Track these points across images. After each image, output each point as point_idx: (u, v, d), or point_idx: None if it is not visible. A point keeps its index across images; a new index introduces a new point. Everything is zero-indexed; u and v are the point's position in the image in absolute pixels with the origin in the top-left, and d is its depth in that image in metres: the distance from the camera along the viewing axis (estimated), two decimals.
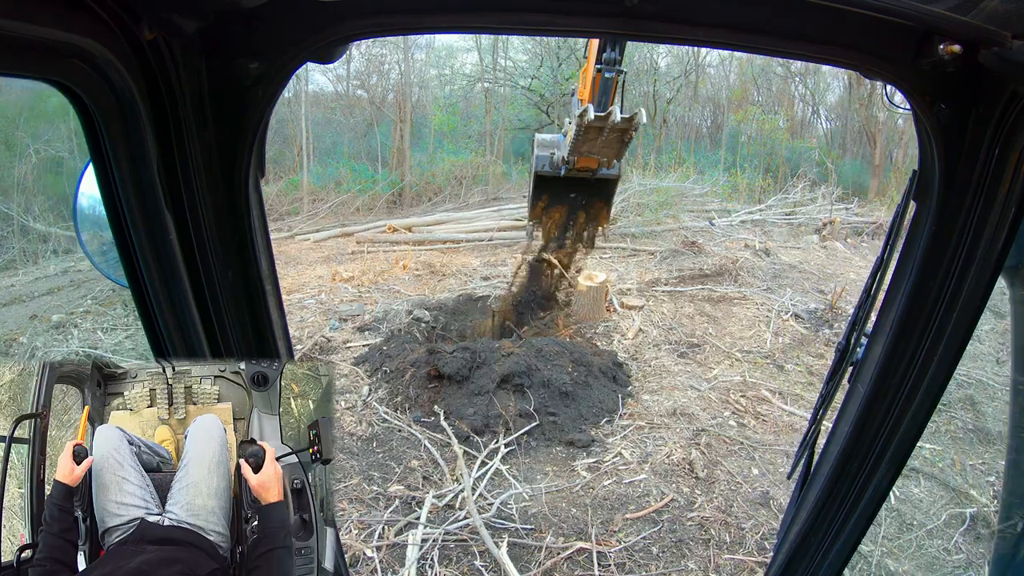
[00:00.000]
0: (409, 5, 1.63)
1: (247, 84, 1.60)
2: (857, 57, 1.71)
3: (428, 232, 16.74)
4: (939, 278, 1.93)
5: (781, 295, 12.53)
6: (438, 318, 10.50)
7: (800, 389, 9.08)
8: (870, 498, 2.30)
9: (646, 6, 1.56)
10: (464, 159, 25.57)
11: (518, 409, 7.44)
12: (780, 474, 7.02)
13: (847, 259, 17.19)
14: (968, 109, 1.72)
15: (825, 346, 10.60)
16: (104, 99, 1.43)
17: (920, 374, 2.07)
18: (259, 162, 1.73)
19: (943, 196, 1.83)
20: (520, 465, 6.87)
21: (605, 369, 8.57)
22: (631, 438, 7.46)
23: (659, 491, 6.57)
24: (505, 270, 13.39)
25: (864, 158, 31.55)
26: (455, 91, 32.22)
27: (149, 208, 1.59)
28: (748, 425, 8.00)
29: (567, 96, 31.16)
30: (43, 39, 1.24)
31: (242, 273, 1.82)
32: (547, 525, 6.03)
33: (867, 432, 2.20)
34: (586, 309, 10.49)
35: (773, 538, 5.97)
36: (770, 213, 20.65)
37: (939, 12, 1.55)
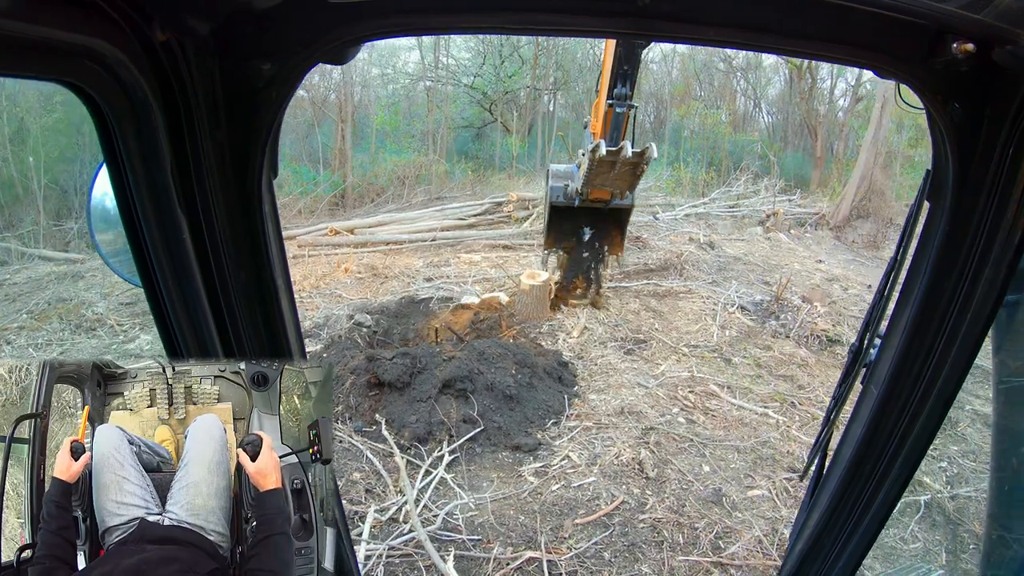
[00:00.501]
0: (421, 6, 1.61)
1: (260, 85, 1.60)
2: (869, 56, 1.69)
3: (370, 234, 16.40)
4: (953, 279, 1.91)
5: (727, 288, 12.59)
6: (380, 322, 10.22)
7: (748, 382, 9.05)
8: (883, 500, 2.29)
9: (659, 5, 1.54)
10: (407, 159, 25.38)
11: (461, 415, 7.24)
12: (732, 470, 6.95)
13: (791, 250, 17.44)
14: (982, 108, 1.69)
15: (772, 337, 10.65)
16: (117, 100, 1.43)
17: (934, 375, 2.06)
18: (272, 163, 1.73)
19: (957, 196, 1.80)
20: (465, 473, 6.66)
21: (550, 369, 8.42)
22: (579, 440, 7.31)
23: (609, 493, 6.43)
24: (448, 270, 13.21)
25: (805, 150, 32.27)
26: (397, 90, 32.11)
27: (162, 208, 1.60)
28: (697, 421, 7.92)
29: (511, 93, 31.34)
30: (56, 41, 1.23)
31: (255, 273, 1.81)
32: (495, 535, 5.84)
33: (880, 434, 2.19)
34: (530, 308, 10.31)
35: (727, 536, 5.94)
36: (714, 206, 20.92)
37: (952, 10, 1.53)
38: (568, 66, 32.56)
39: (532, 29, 1.76)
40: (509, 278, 12.51)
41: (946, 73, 1.64)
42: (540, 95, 32.47)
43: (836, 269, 15.90)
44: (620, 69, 8.15)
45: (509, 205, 18.16)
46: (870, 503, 2.29)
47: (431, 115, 29.06)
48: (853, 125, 29.48)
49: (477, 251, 15.13)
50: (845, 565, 2.42)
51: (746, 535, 5.94)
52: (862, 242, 19.39)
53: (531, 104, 31.73)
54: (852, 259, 17.74)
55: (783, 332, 10.86)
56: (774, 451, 7.32)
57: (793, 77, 31.14)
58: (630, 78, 8.24)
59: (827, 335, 10.71)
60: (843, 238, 19.78)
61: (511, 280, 12.23)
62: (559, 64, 32.35)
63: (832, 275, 15.07)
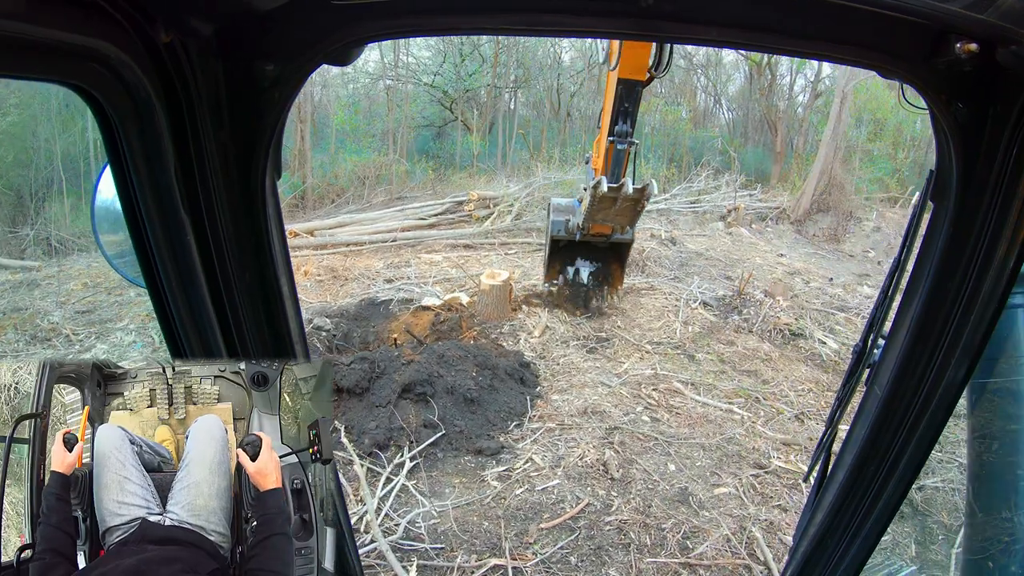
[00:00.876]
0: (424, 7, 1.61)
1: (263, 86, 1.60)
2: (872, 56, 1.70)
3: (330, 235, 16.18)
4: (957, 279, 1.91)
5: (689, 283, 12.60)
6: (339, 325, 10.02)
7: (712, 378, 9.01)
8: (887, 500, 2.29)
9: (661, 6, 1.54)
10: (367, 159, 25.07)
11: (422, 419, 7.07)
12: (698, 468, 6.90)
13: (752, 244, 17.55)
14: (985, 108, 1.70)
15: (735, 332, 10.66)
16: (121, 101, 1.44)
17: (938, 376, 2.06)
18: (275, 164, 1.74)
19: (961, 196, 1.81)
20: (427, 479, 6.50)
21: (512, 370, 8.31)
22: (542, 441, 7.19)
23: (574, 496, 6.32)
24: (409, 271, 13.03)
25: (765, 146, 32.58)
26: (358, 89, 31.83)
27: (166, 209, 1.62)
28: (662, 419, 7.86)
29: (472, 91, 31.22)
30: (60, 42, 1.23)
31: (259, 274, 1.82)
32: (458, 543, 5.70)
33: (884, 434, 2.20)
34: (490, 309, 10.19)
35: (695, 536, 5.89)
36: (675, 202, 21.00)
37: (955, 10, 1.53)
38: (529, 64, 32.53)
39: (535, 30, 1.72)
40: (470, 278, 12.38)
41: (949, 73, 1.64)
42: (501, 93, 32.38)
43: (797, 263, 16.03)
44: (621, 107, 8.33)
45: (470, 204, 18.07)
46: (874, 503, 2.30)
47: (391, 114, 28.81)
48: (812, 120, 29.84)
49: (438, 251, 14.99)
50: (849, 566, 2.43)
51: (714, 534, 5.89)
52: (823, 235, 19.58)
53: (492, 102, 31.62)
54: (813, 252, 17.90)
55: (746, 327, 10.87)
56: (740, 447, 7.29)
57: (753, 73, 31.41)
58: (631, 116, 8.44)
59: (790, 329, 10.73)
60: (804, 232, 19.96)
61: (472, 280, 12.09)
62: (520, 62, 32.30)
63: (794, 269, 15.18)
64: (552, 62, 33.29)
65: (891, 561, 5.14)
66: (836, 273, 15.32)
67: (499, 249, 15.29)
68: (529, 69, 32.68)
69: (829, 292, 13.36)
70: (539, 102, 33.89)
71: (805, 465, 6.99)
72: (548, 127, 32.85)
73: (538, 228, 16.41)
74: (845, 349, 10.27)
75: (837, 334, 10.91)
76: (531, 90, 33.71)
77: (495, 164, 27.74)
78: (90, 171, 18.73)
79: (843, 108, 20.63)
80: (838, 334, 10.92)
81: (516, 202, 17.97)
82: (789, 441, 7.48)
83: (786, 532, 5.98)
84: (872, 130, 27.50)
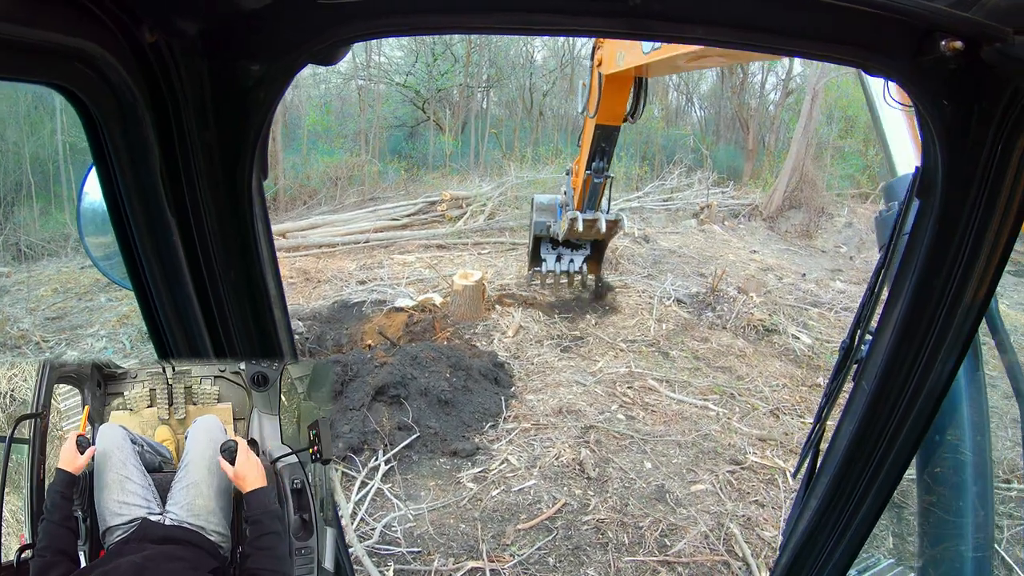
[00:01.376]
0: (412, 6, 1.59)
1: (249, 86, 1.57)
2: (858, 54, 1.67)
3: (303, 237, 16.03)
4: (943, 274, 1.91)
5: (662, 281, 12.63)
6: (312, 328, 9.96)
7: (687, 375, 9.02)
8: (876, 495, 2.30)
9: (650, 5, 1.53)
10: (339, 159, 24.91)
11: (396, 422, 7.00)
12: (674, 466, 6.89)
13: (725, 241, 17.64)
14: (971, 105, 1.69)
15: (709, 329, 10.69)
16: (106, 102, 1.42)
17: (925, 370, 2.06)
18: (261, 164, 1.70)
19: (946, 192, 1.81)
20: (402, 482, 6.43)
21: (486, 371, 8.27)
22: (517, 442, 7.15)
23: (551, 496, 6.29)
24: (382, 272, 12.94)
25: (737, 143, 32.86)
26: (330, 89, 31.68)
27: (152, 210, 1.60)
28: (637, 417, 7.85)
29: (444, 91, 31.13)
30: (44, 42, 1.22)
31: (245, 274, 1.78)
32: (435, 546, 5.64)
33: (872, 429, 2.20)
34: (464, 309, 10.15)
35: (673, 534, 5.87)
36: (648, 200, 21.11)
37: (941, 8, 1.53)
38: (501, 63, 32.53)
39: (522, 29, 1.69)
40: (443, 278, 12.31)
41: (935, 71, 1.63)
42: (473, 92, 32.36)
43: (770, 259, 16.13)
44: (599, 146, 8.91)
45: (443, 204, 18.01)
46: (863, 498, 2.31)
47: (363, 115, 28.70)
48: (784, 118, 30.12)
49: (411, 252, 14.91)
50: (839, 561, 2.45)
51: (692, 531, 5.88)
52: (795, 232, 19.73)
53: (464, 102, 31.60)
54: (785, 248, 18.03)
55: (720, 323, 10.90)
56: (715, 444, 7.29)
57: (725, 72, 31.60)
58: (607, 154, 9.06)
59: (763, 325, 10.78)
60: (776, 228, 20.09)
61: (445, 281, 12.03)
62: (492, 61, 32.30)
63: (767, 265, 15.27)
64: (524, 61, 33.31)
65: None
66: (809, 269, 15.42)
67: (472, 249, 15.24)
68: (501, 68, 32.70)
69: (802, 288, 13.44)
70: (511, 101, 33.91)
71: (781, 460, 7.02)
72: (520, 126, 32.90)
73: (511, 228, 16.45)
74: (819, 344, 10.36)
75: (810, 329, 10.98)
76: (503, 89, 33.74)
77: (468, 164, 27.73)
78: (59, 174, 18.49)
79: (814, 105, 20.80)
80: (811, 329, 10.99)
81: (489, 202, 17.95)
82: (765, 437, 7.49)
83: (763, 527, 5.99)
84: (843, 127, 27.82)
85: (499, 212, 17.58)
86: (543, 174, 20.66)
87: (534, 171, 21.41)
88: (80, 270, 13.27)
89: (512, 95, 33.58)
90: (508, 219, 16.94)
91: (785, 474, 6.79)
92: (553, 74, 33.45)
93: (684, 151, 29.61)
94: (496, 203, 17.97)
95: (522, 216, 17.13)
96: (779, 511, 6.23)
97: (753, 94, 32.34)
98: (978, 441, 2.45)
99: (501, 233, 16.33)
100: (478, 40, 29.66)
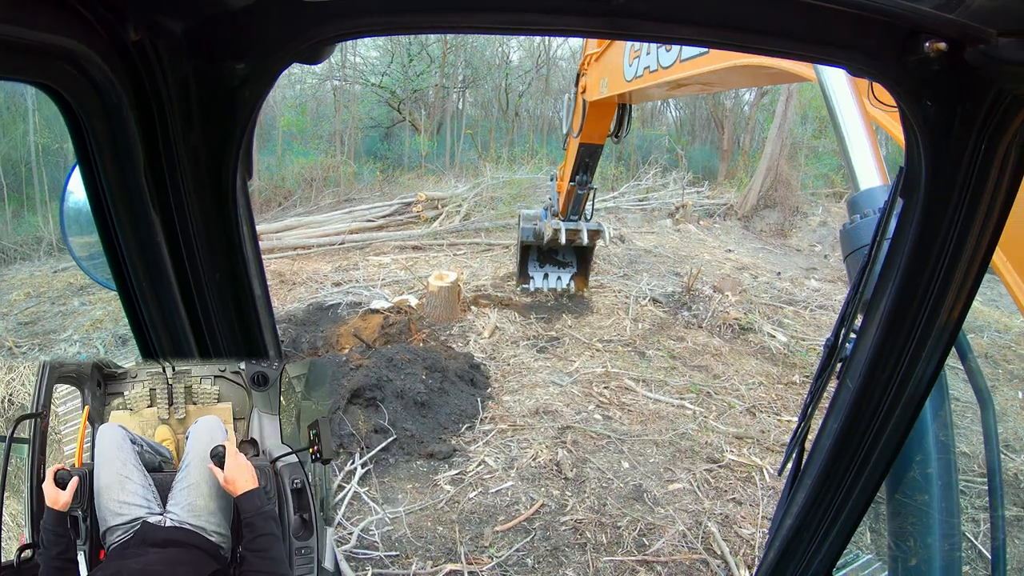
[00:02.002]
0: (396, 6, 1.58)
1: (234, 85, 1.57)
2: (843, 55, 1.70)
3: (277, 239, 15.89)
4: (927, 273, 1.95)
5: (638, 280, 12.69)
6: (287, 331, 9.87)
7: (663, 375, 9.03)
8: (860, 492, 2.33)
9: (634, 5, 1.54)
10: (314, 160, 24.76)
11: (372, 425, 6.94)
12: (651, 465, 6.88)
13: (701, 240, 17.74)
14: (954, 106, 1.73)
15: (685, 328, 10.73)
16: (90, 101, 1.42)
17: (909, 369, 2.10)
18: (246, 163, 1.70)
19: (930, 192, 1.84)
20: (379, 486, 6.37)
21: (462, 372, 8.24)
22: (494, 443, 7.12)
23: (528, 497, 6.26)
24: (357, 274, 12.87)
25: (712, 143, 33.06)
26: (305, 90, 31.52)
27: (136, 210, 1.60)
28: (614, 417, 7.84)
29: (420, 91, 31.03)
30: (28, 41, 1.21)
31: (230, 274, 1.78)
32: (413, 549, 5.59)
33: (857, 427, 2.23)
34: (439, 310, 10.12)
35: (651, 533, 5.87)
36: (623, 200, 21.18)
37: (925, 10, 1.55)
38: (477, 64, 32.52)
39: (507, 28, 1.73)
40: (419, 280, 12.25)
41: (919, 72, 1.67)
42: (449, 93, 32.32)
43: (745, 258, 16.23)
44: (583, 161, 9.37)
45: (418, 205, 17.97)
46: (848, 495, 2.34)
47: (339, 115, 28.60)
48: (759, 118, 30.31)
49: (386, 253, 14.86)
50: (824, 558, 2.48)
51: (670, 530, 5.87)
52: (770, 231, 19.87)
53: (440, 102, 31.54)
54: (761, 248, 18.14)
55: (696, 322, 10.95)
56: (693, 443, 7.30)
57: None
58: (591, 168, 9.53)
59: (739, 323, 10.83)
60: (751, 227, 20.23)
61: (420, 282, 11.97)
62: (468, 62, 32.28)
63: (742, 264, 15.36)
64: (500, 62, 33.30)
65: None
66: (784, 267, 15.53)
67: (448, 250, 15.21)
68: (477, 69, 32.69)
69: (777, 286, 13.53)
70: (487, 102, 33.92)
71: (758, 458, 7.04)
72: (496, 127, 32.90)
73: (487, 228, 16.50)
74: (794, 342, 10.41)
75: (786, 327, 11.03)
76: (479, 90, 33.74)
77: (443, 164, 27.69)
78: (32, 176, 18.23)
79: (788, 106, 20.93)
80: (787, 327, 11.05)
81: (464, 203, 17.93)
82: (741, 435, 7.51)
83: (741, 525, 6.00)
84: (817, 127, 28.00)
85: (475, 213, 17.57)
86: (519, 174, 20.67)
87: (510, 172, 21.41)
88: (53, 274, 13.11)
89: (488, 96, 33.60)
90: (483, 220, 16.94)
91: (762, 471, 6.81)
92: (529, 75, 33.49)
93: (660, 151, 29.78)
94: (472, 204, 17.95)
95: (498, 217, 17.17)
96: (757, 508, 6.25)
97: (728, 94, 32.55)
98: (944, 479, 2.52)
99: (476, 234, 16.31)
100: (454, 41, 29.63)
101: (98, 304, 11.10)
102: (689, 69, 4.91)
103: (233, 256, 1.76)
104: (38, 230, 16.49)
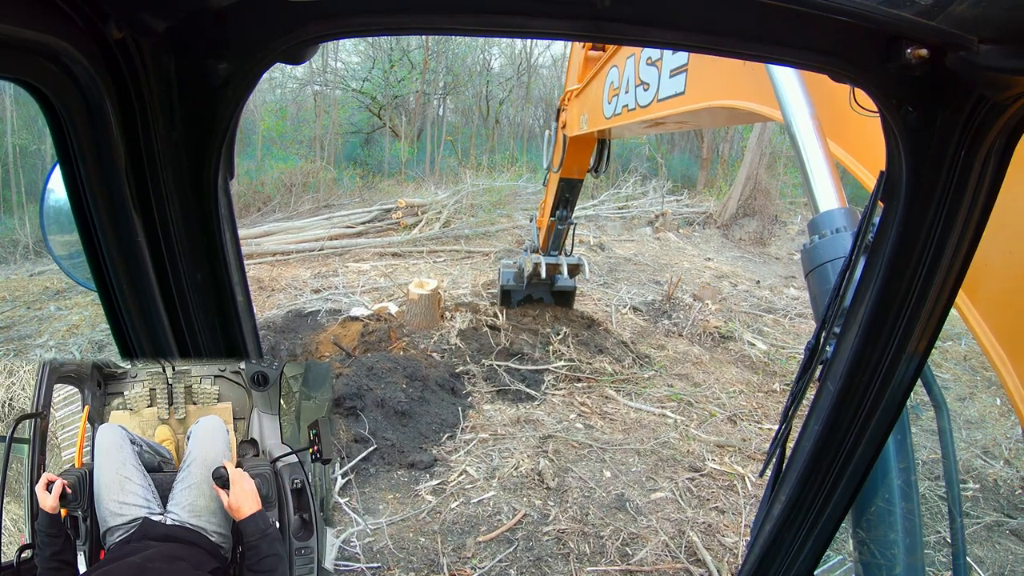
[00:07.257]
0: (379, 6, 1.57)
1: (216, 84, 1.55)
2: (825, 61, 1.70)
3: (256, 245, 15.76)
4: (907, 277, 1.97)
5: (618, 289, 12.71)
6: (266, 338, 9.77)
7: (644, 383, 9.01)
8: (842, 494, 2.36)
9: (618, 8, 1.54)
10: (293, 165, 24.62)
11: (352, 434, 6.89)
12: (633, 474, 6.87)
13: (680, 249, 17.79)
14: (935, 112, 1.75)
15: (665, 336, 10.74)
16: (71, 99, 1.41)
17: (889, 372, 2.12)
18: (228, 163, 1.69)
19: (910, 197, 1.86)
20: (359, 496, 6.29)
21: (442, 381, 8.18)
22: (475, 453, 7.08)
23: (510, 507, 6.23)
24: (336, 280, 12.79)
25: (692, 152, 33.26)
26: (285, 94, 31.37)
27: (116, 209, 1.58)
28: (595, 426, 7.83)
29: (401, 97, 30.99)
30: (8, 37, 1.20)
31: (210, 273, 1.77)
32: (395, 561, 5.52)
33: (838, 429, 2.25)
34: (419, 318, 10.03)
35: (634, 543, 5.85)
36: (603, 208, 21.24)
37: (907, 16, 1.56)
38: (458, 70, 32.53)
39: (491, 30, 1.69)
40: (398, 287, 12.19)
41: (900, 78, 1.68)
42: (430, 99, 32.31)
43: (725, 266, 16.30)
44: (563, 196, 9.32)
45: (398, 212, 17.89)
46: (829, 497, 2.36)
47: (319, 120, 28.48)
48: (738, 127, 30.51)
49: (366, 260, 14.79)
50: (806, 559, 2.49)
51: (653, 540, 5.86)
52: (749, 239, 19.98)
53: (420, 109, 31.53)
54: (740, 256, 18.23)
55: (676, 331, 10.98)
56: (674, 451, 7.29)
57: None
58: (571, 203, 9.49)
59: (719, 331, 10.87)
60: (730, 236, 20.33)
61: (400, 289, 11.90)
62: (449, 68, 32.29)
63: (721, 272, 15.43)
64: (481, 69, 33.32)
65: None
66: (763, 276, 15.62)
67: (428, 257, 15.16)
68: (458, 75, 32.69)
69: (756, 294, 13.60)
70: (468, 109, 33.93)
71: (740, 466, 7.04)
72: (477, 134, 32.91)
73: (466, 236, 16.50)
74: (774, 350, 10.47)
75: (766, 335, 11.09)
76: (460, 96, 33.74)
77: (423, 171, 27.69)
78: (9, 178, 18.01)
79: None
80: (767, 335, 11.10)
81: (444, 209, 17.89)
82: (723, 443, 7.52)
83: (724, 534, 6.00)
84: None
85: (455, 220, 17.53)
86: (499, 182, 20.67)
87: (490, 179, 21.43)
88: (29, 277, 12.94)
89: (468, 102, 33.61)
90: (463, 226, 16.90)
91: (744, 480, 6.82)
92: (510, 82, 33.53)
93: (639, 160, 29.82)
94: (452, 211, 17.92)
95: (478, 224, 17.14)
96: (739, 517, 6.26)
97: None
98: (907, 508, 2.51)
99: (456, 241, 16.29)
100: (435, 47, 29.63)
101: (75, 309, 10.95)
102: (665, 109, 4.96)
103: (214, 256, 1.76)
104: (14, 232, 16.29)
